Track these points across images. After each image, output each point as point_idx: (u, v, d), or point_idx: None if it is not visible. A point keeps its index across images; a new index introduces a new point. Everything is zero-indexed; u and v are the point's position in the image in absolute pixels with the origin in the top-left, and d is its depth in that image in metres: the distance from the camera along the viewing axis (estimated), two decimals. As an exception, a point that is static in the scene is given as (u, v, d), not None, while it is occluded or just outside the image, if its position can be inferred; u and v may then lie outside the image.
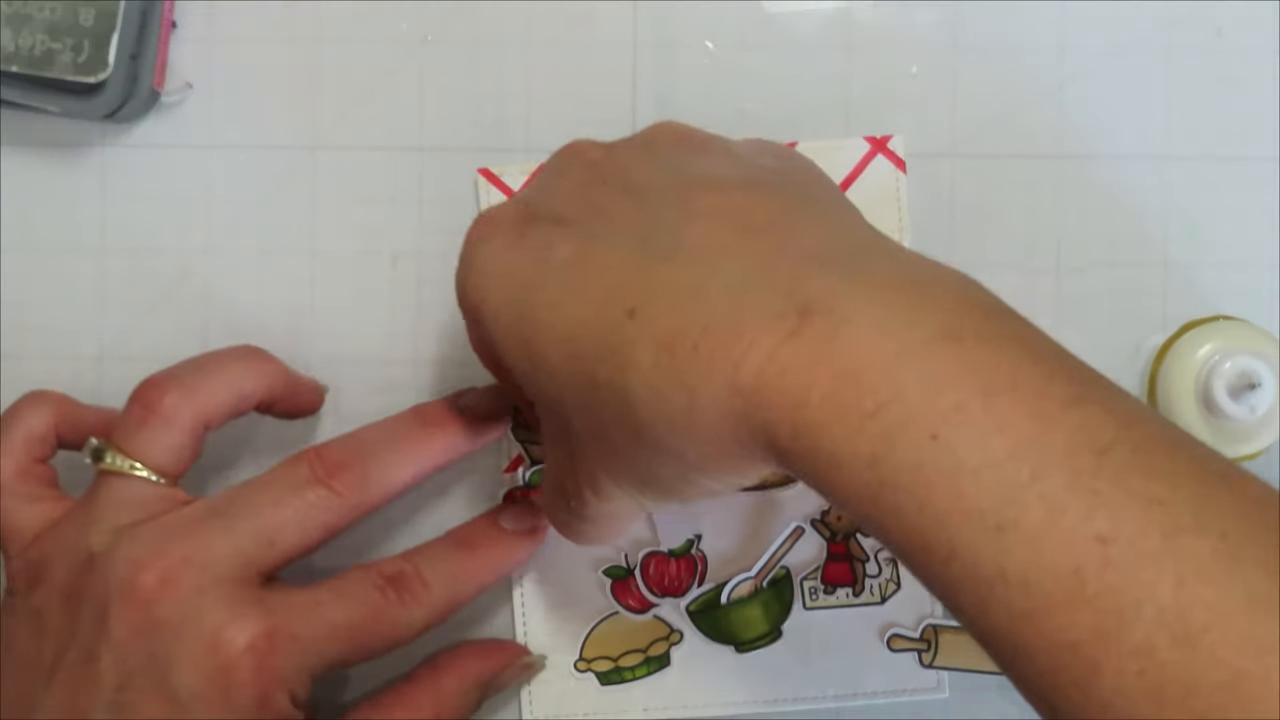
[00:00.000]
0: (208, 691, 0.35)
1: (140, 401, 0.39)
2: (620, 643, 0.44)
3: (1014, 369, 0.27)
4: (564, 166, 0.36)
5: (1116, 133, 0.45)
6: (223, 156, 0.46)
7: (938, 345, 0.27)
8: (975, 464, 0.26)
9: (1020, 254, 0.45)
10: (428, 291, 0.45)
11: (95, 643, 0.35)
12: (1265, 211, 0.45)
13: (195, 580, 0.36)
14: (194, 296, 0.46)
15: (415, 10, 0.46)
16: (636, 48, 0.46)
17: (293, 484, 0.38)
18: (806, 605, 0.44)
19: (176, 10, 0.46)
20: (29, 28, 0.42)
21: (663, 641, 0.44)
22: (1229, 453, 0.42)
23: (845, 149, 0.45)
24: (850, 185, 0.45)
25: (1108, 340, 0.45)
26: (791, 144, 0.45)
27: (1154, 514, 0.25)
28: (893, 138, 0.45)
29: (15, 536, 0.39)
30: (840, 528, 0.44)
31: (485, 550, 0.41)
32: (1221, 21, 0.45)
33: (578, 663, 0.44)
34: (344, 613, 0.37)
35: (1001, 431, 0.26)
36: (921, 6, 0.46)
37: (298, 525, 0.38)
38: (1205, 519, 0.25)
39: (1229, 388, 0.41)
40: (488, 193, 0.45)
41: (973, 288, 0.30)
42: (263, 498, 0.38)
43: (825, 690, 0.44)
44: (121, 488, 0.38)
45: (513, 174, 0.45)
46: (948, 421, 0.26)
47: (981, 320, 0.29)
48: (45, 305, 0.46)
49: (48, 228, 0.46)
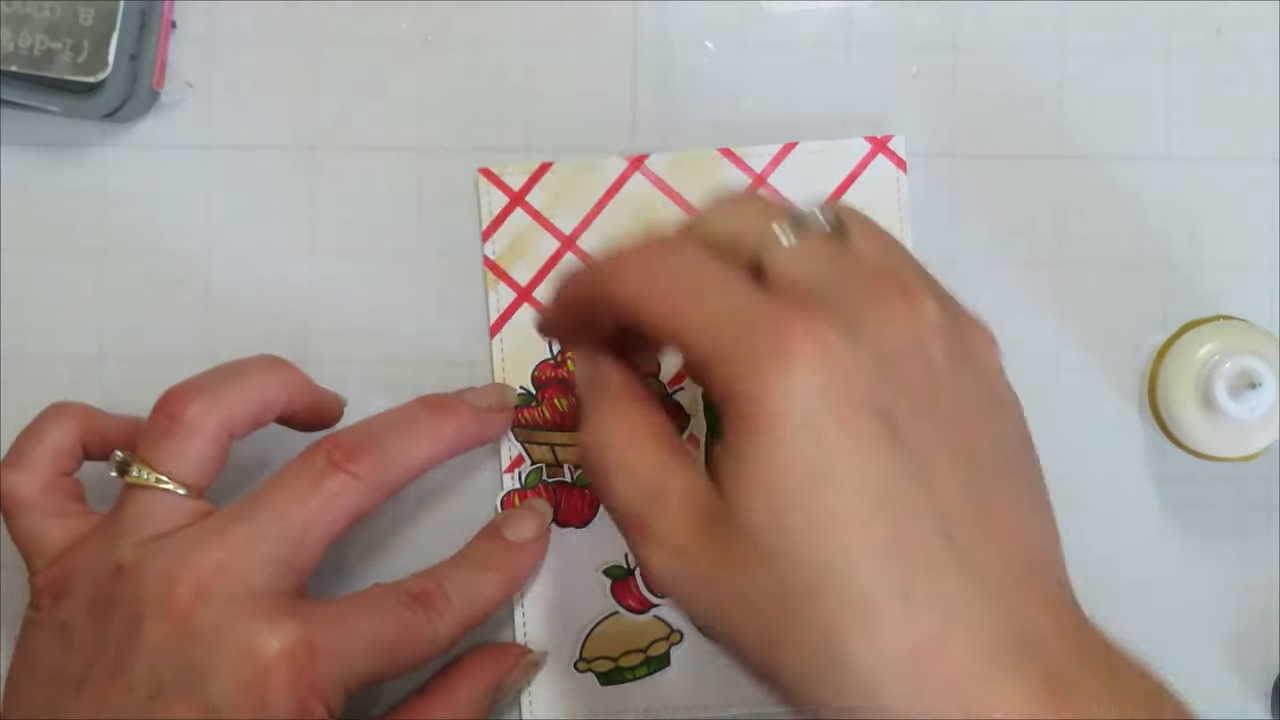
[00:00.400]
0: (244, 699, 0.35)
1: (165, 411, 0.39)
2: (620, 643, 0.44)
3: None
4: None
5: (1116, 133, 0.45)
6: (223, 156, 0.46)
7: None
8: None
9: (1020, 254, 0.45)
10: (429, 290, 0.45)
11: (126, 653, 0.35)
12: (1265, 211, 0.45)
13: (229, 589, 0.36)
14: (194, 296, 0.46)
15: (415, 10, 0.46)
16: (636, 47, 0.46)
17: (312, 476, 0.38)
18: None
19: (176, 10, 0.46)
20: (29, 28, 0.42)
21: (663, 641, 0.44)
22: (1229, 453, 0.42)
23: (846, 149, 0.45)
24: (851, 185, 0.45)
25: (1108, 340, 0.45)
26: (791, 145, 0.45)
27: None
28: (893, 138, 0.45)
29: (41, 551, 0.39)
30: None
31: (497, 567, 0.42)
32: (1221, 21, 0.45)
33: (578, 663, 0.44)
34: (375, 626, 0.38)
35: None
36: (921, 6, 0.46)
37: (323, 517, 0.38)
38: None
39: (1229, 388, 0.41)
40: (488, 193, 0.45)
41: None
42: (284, 496, 0.38)
43: None
44: (148, 500, 0.38)
45: (513, 174, 0.45)
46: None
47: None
48: (45, 305, 0.46)
49: (48, 228, 0.46)
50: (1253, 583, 0.44)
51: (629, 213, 0.45)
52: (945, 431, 0.31)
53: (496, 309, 0.45)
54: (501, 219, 0.45)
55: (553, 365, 0.45)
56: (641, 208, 0.45)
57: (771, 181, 0.45)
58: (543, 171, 0.45)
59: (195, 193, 0.46)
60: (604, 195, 0.45)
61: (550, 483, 0.44)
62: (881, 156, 0.45)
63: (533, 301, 0.45)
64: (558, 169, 0.45)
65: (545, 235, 0.45)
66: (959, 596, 0.29)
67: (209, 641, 0.35)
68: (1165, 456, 0.45)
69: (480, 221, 0.45)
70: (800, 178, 0.45)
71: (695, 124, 0.45)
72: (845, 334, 0.30)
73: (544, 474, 0.44)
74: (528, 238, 0.45)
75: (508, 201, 0.45)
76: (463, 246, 0.45)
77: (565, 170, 0.45)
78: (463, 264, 0.45)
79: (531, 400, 0.44)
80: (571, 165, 0.45)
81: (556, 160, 0.45)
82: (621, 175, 0.45)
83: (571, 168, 0.45)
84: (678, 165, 0.45)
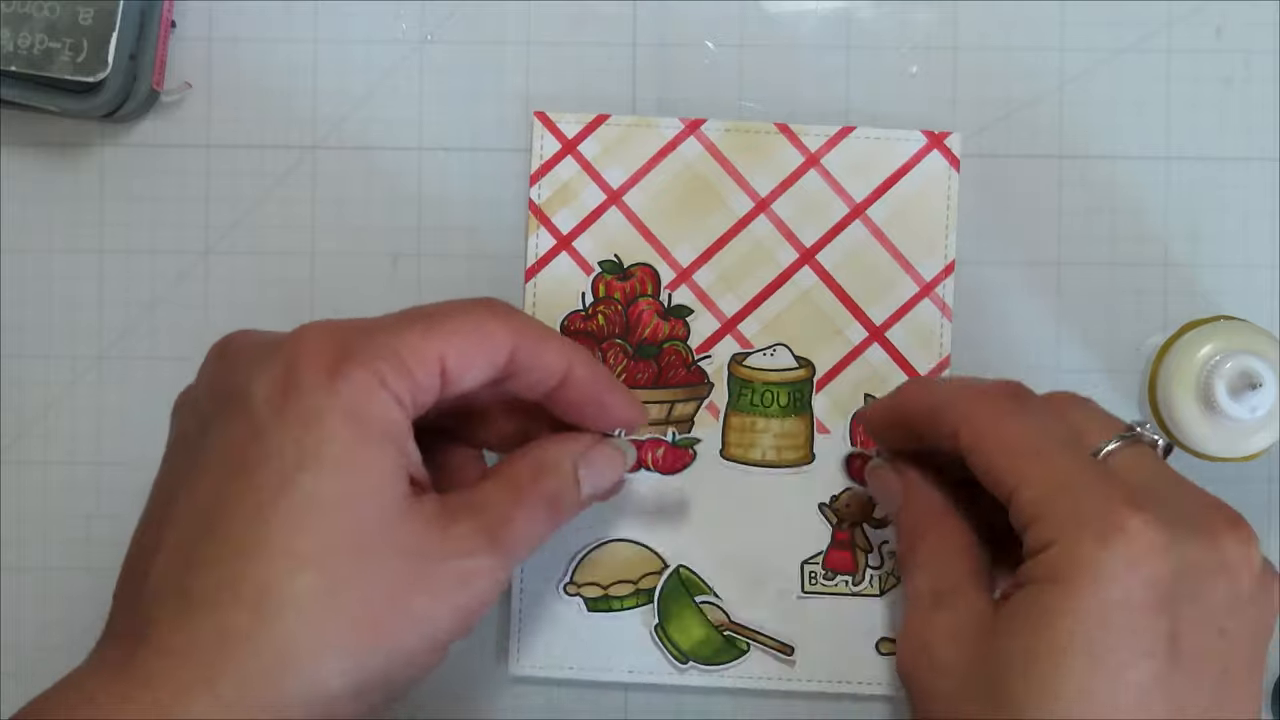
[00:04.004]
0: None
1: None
2: (612, 571, 0.44)
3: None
4: None
5: (1116, 133, 0.45)
6: (223, 156, 0.46)
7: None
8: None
9: (1021, 253, 0.45)
10: (428, 291, 0.45)
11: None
12: (1265, 211, 0.45)
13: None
14: (194, 296, 0.46)
15: (415, 10, 0.46)
16: (636, 48, 0.46)
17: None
18: (805, 589, 0.44)
19: (176, 10, 0.46)
20: (28, 27, 0.42)
21: (654, 575, 0.44)
22: (1229, 453, 0.42)
23: (902, 140, 0.45)
24: (902, 178, 0.45)
25: (1108, 340, 0.45)
26: (849, 129, 0.45)
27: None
28: (950, 135, 0.45)
29: None
30: (847, 515, 0.44)
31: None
32: (1221, 21, 0.45)
33: (566, 585, 0.44)
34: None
35: None
36: (921, 6, 0.46)
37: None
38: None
39: (1229, 388, 0.41)
40: (541, 137, 0.45)
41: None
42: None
43: (815, 675, 0.44)
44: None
45: (568, 121, 0.45)
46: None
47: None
48: (45, 305, 0.46)
49: (48, 228, 0.46)
50: (1253, 583, 0.44)
51: (678, 175, 0.45)
52: (1214, 661, 0.33)
53: (534, 254, 0.45)
54: (551, 165, 0.45)
55: (583, 317, 0.45)
56: (691, 172, 0.45)
57: (824, 164, 0.45)
58: (598, 123, 0.45)
59: (195, 193, 0.46)
60: (656, 154, 0.45)
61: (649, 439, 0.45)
62: (936, 152, 0.45)
63: (572, 250, 0.45)
64: (614, 122, 0.45)
65: (592, 186, 0.45)
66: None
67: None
68: (1165, 456, 0.45)
69: (530, 165, 0.45)
70: (853, 164, 0.45)
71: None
72: (1171, 542, 0.33)
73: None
74: (574, 187, 0.45)
75: (560, 148, 0.45)
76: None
77: (621, 124, 0.45)
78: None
79: None
80: (628, 120, 0.45)
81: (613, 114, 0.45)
82: (676, 136, 0.45)
83: (628, 122, 0.45)
84: (733, 135, 0.45)
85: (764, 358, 0.45)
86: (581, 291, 0.45)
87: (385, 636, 0.33)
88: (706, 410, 0.45)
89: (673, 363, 0.45)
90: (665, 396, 0.45)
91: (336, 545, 0.33)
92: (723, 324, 0.45)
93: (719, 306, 0.45)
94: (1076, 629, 0.32)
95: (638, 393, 0.44)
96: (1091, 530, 0.33)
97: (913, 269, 0.45)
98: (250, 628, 0.32)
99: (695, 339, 0.45)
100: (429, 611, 0.34)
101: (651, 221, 0.45)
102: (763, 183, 0.45)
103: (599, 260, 0.45)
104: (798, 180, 0.45)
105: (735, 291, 0.45)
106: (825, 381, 0.45)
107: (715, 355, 0.45)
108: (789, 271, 0.45)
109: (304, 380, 0.34)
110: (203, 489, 0.34)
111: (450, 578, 0.34)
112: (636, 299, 0.45)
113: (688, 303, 0.45)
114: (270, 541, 0.32)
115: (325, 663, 0.32)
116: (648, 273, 0.45)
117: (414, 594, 0.34)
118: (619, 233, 0.45)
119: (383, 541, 0.33)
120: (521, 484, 0.37)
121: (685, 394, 0.45)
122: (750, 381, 0.45)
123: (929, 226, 0.45)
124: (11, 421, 0.46)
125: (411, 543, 0.34)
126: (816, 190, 0.45)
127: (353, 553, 0.33)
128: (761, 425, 0.45)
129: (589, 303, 0.45)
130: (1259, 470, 0.45)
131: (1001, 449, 0.35)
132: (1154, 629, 0.32)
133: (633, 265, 0.45)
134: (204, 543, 0.33)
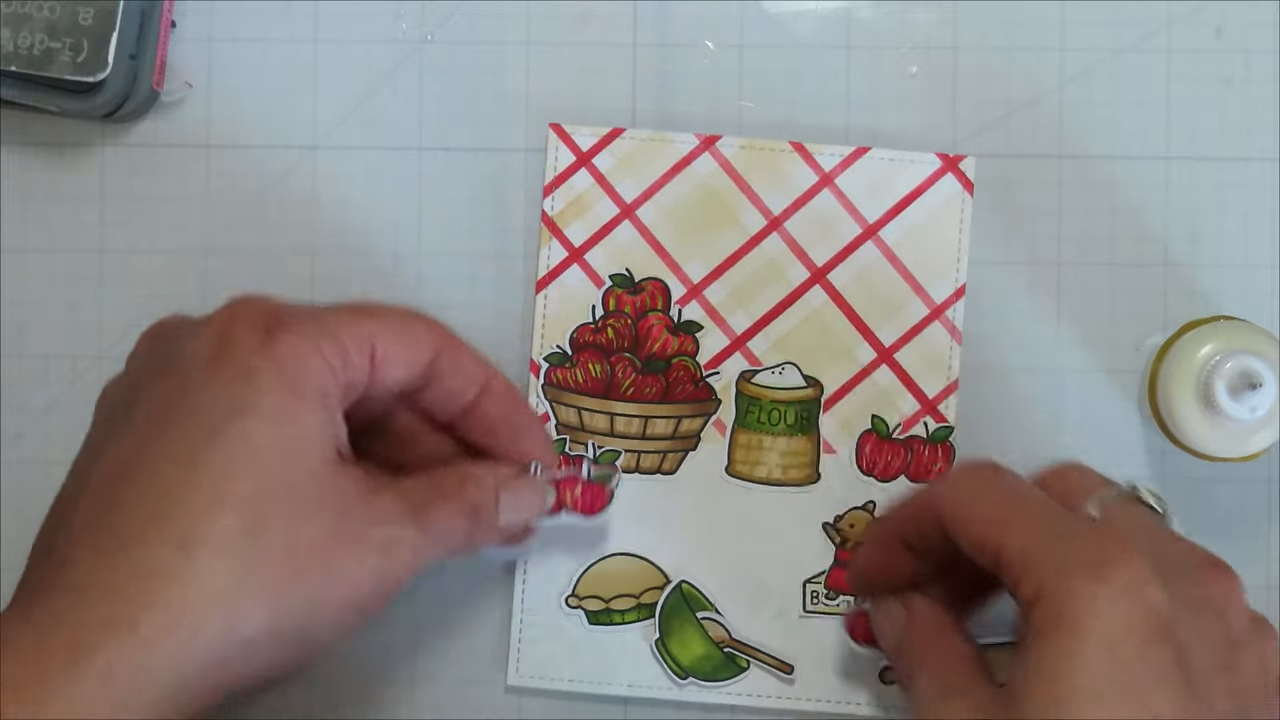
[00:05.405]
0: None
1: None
2: (614, 585, 0.44)
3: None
4: None
5: (1116, 133, 0.45)
6: (223, 156, 0.46)
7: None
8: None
9: (1021, 253, 0.45)
10: (428, 291, 0.45)
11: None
12: (1265, 211, 0.45)
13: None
14: (193, 297, 0.46)
15: (415, 10, 0.46)
16: (636, 48, 0.46)
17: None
18: (807, 609, 0.44)
19: (176, 10, 0.46)
20: (28, 27, 0.42)
21: (656, 590, 0.44)
22: (1229, 453, 0.42)
23: (916, 162, 0.45)
24: (915, 200, 0.45)
25: (1108, 339, 0.45)
26: (863, 150, 0.45)
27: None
28: (965, 159, 0.45)
29: None
30: (851, 535, 0.44)
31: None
32: (1221, 21, 0.45)
33: (569, 598, 0.44)
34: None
35: None
36: (921, 6, 0.46)
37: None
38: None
39: (1229, 388, 0.41)
40: (556, 149, 0.45)
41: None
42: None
43: (814, 695, 0.44)
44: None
45: (583, 134, 0.45)
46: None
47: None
48: (45, 305, 0.46)
49: (48, 228, 0.46)
50: (1253, 583, 0.44)
51: (692, 190, 0.45)
52: (1226, 697, 0.34)
53: (546, 265, 0.45)
54: (565, 177, 0.45)
55: (593, 330, 0.45)
56: (705, 188, 0.45)
57: (838, 184, 0.45)
58: (613, 136, 0.45)
59: (195, 193, 0.46)
60: (670, 169, 0.45)
61: (571, 455, 0.44)
62: (950, 176, 0.45)
63: (583, 263, 0.45)
64: (629, 135, 0.45)
65: (605, 199, 0.45)
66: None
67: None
68: (1165, 456, 0.45)
69: (544, 177, 0.45)
70: (867, 184, 0.45)
71: (695, 124, 0.45)
72: (1158, 577, 0.33)
73: (566, 446, 0.45)
74: (587, 199, 0.45)
75: (574, 160, 0.45)
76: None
77: (636, 138, 0.45)
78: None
79: (566, 361, 0.45)
80: (643, 134, 0.45)
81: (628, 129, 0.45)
82: (691, 152, 0.45)
83: (643, 136, 0.45)
84: (747, 152, 0.45)
85: (772, 376, 0.45)
86: (592, 304, 0.45)
87: (305, 585, 0.33)
88: (713, 427, 0.45)
89: (681, 378, 0.45)
90: (672, 412, 0.45)
91: (264, 491, 0.33)
92: (732, 341, 0.45)
93: (729, 323, 0.45)
94: (1088, 668, 0.32)
95: (645, 407, 0.44)
96: (1082, 569, 0.33)
97: (924, 291, 0.45)
98: (174, 565, 0.32)
99: (704, 355, 0.45)
100: (349, 572, 0.34)
101: (663, 236, 0.45)
102: (776, 200, 0.45)
103: (610, 274, 0.45)
104: (811, 199, 0.45)
105: (745, 309, 0.45)
106: (833, 401, 0.45)
107: (724, 372, 0.45)
108: (800, 290, 0.45)
109: (239, 340, 0.34)
110: (129, 440, 0.34)
111: (373, 542, 0.35)
112: (646, 313, 0.45)
113: (697, 318, 0.45)
114: (199, 484, 0.33)
115: (246, 603, 0.32)
116: (658, 287, 0.45)
117: (336, 551, 0.34)
118: (631, 246, 0.45)
119: (310, 495, 0.34)
120: (446, 486, 0.38)
121: (692, 410, 0.45)
122: (758, 399, 0.45)
123: (941, 249, 0.45)
124: (11, 421, 0.46)
125: (338, 501, 0.35)
126: (829, 210, 0.45)
127: (280, 500, 0.33)
128: (768, 443, 0.45)
129: (599, 316, 0.45)
130: (1259, 470, 0.45)
131: (984, 511, 0.36)
132: (1161, 658, 0.32)
133: (644, 279, 0.45)
134: (129, 485, 0.33)
